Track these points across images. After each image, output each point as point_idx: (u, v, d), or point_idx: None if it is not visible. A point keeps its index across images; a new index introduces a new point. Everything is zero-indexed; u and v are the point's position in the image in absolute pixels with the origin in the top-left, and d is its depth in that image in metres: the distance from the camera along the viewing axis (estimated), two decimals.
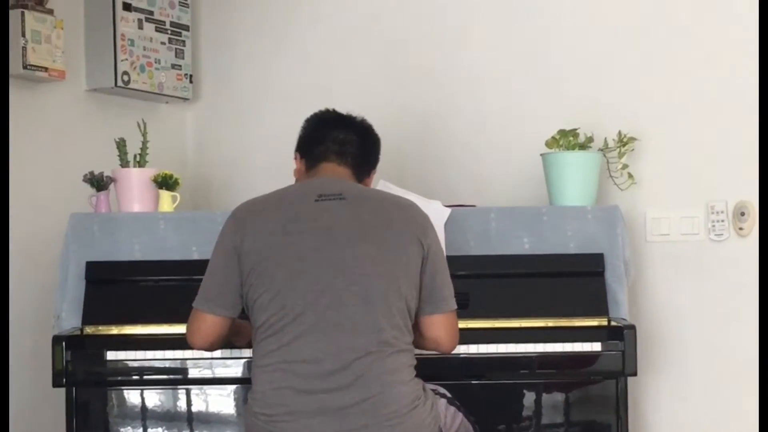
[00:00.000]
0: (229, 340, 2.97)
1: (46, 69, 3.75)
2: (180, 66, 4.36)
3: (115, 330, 3.35)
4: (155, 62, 4.23)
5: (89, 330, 3.34)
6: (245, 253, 2.74)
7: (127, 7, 4.09)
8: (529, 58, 4.03)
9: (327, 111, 3.07)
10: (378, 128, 3.10)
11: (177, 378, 3.29)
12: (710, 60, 3.75)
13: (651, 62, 3.84)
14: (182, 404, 3.37)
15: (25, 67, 3.66)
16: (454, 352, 2.96)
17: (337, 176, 2.91)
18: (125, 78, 4.07)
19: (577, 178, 3.59)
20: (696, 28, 3.78)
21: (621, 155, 3.71)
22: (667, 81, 3.81)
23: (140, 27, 4.16)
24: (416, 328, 2.83)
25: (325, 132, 2.98)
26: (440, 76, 4.17)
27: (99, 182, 3.58)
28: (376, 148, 3.07)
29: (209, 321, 2.79)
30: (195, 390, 3.35)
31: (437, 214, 3.31)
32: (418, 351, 2.82)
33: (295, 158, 3.05)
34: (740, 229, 3.70)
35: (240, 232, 2.76)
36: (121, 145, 3.64)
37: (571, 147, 3.62)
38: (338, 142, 2.95)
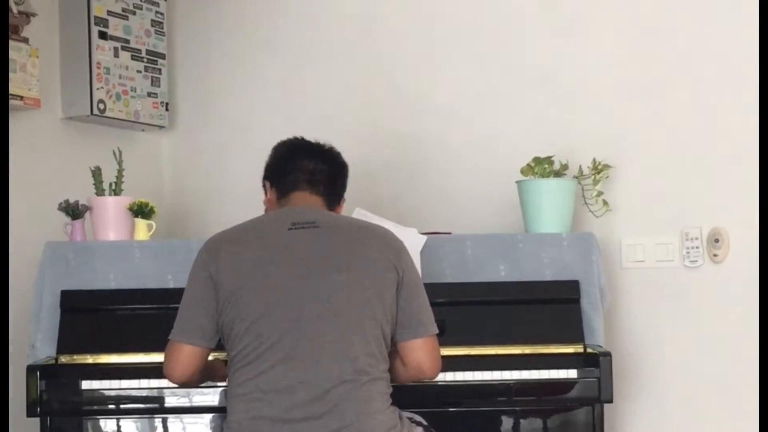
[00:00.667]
0: (209, 378, 2.98)
1: (21, 97, 3.74)
2: (156, 94, 4.36)
3: (90, 359, 3.33)
4: (131, 90, 4.23)
5: (64, 359, 3.32)
6: (220, 283, 2.73)
7: (103, 35, 4.10)
8: (503, 85, 4.05)
9: (296, 139, 3.07)
10: (353, 157, 3.11)
11: (153, 407, 3.26)
12: (684, 88, 3.78)
13: (625, 90, 3.86)
14: None
15: None
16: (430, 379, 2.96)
17: (309, 204, 2.91)
18: (101, 106, 4.07)
19: (552, 206, 3.60)
20: (670, 56, 3.80)
21: (596, 182, 3.73)
22: (641, 109, 3.84)
23: (116, 55, 4.16)
24: (397, 356, 2.82)
25: (295, 161, 2.98)
26: (415, 105, 4.18)
27: (74, 211, 3.57)
28: (345, 176, 3.07)
29: (187, 351, 2.78)
30: (171, 419, 3.33)
31: (413, 241, 3.32)
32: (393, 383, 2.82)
33: (264, 186, 3.05)
34: (714, 255, 3.72)
35: (214, 263, 2.76)
36: (96, 173, 3.64)
37: (546, 174, 3.64)
38: (309, 171, 2.96)
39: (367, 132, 4.17)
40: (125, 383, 3.23)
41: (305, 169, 2.96)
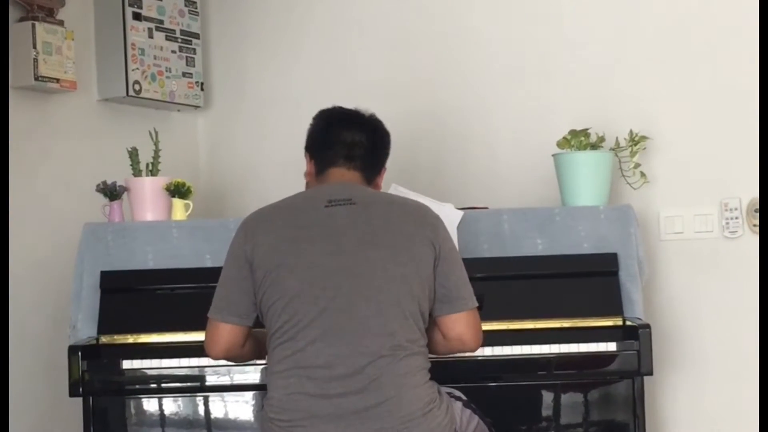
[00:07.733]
0: (261, 355, 2.97)
1: (57, 80, 3.77)
2: (191, 74, 4.38)
3: (130, 339, 3.36)
4: (166, 71, 4.24)
5: (105, 339, 3.35)
6: (257, 261, 2.74)
7: (137, 16, 4.11)
8: (539, 58, 4.03)
9: (334, 109, 3.03)
10: (391, 130, 3.10)
11: (194, 385, 3.29)
12: (721, 58, 3.74)
13: (661, 61, 3.83)
14: (200, 411, 3.38)
15: (36, 78, 3.68)
16: (469, 354, 2.95)
17: (346, 181, 2.90)
18: (136, 87, 4.08)
19: (589, 178, 3.58)
20: (706, 26, 3.77)
21: (633, 154, 3.70)
22: (677, 79, 3.81)
23: (150, 36, 4.17)
24: (438, 330, 2.82)
25: (334, 133, 2.94)
26: (450, 79, 4.17)
27: (112, 192, 3.59)
28: (386, 145, 3.02)
29: (224, 330, 2.80)
30: (213, 397, 3.36)
31: (450, 216, 3.32)
32: (433, 354, 2.82)
33: (306, 157, 3.03)
34: (754, 225, 3.70)
35: (251, 241, 2.76)
36: (133, 154, 3.65)
37: (582, 147, 3.62)
38: (347, 145, 2.91)
39: (403, 111, 4.14)
40: (166, 362, 3.26)
41: (343, 143, 2.91)
